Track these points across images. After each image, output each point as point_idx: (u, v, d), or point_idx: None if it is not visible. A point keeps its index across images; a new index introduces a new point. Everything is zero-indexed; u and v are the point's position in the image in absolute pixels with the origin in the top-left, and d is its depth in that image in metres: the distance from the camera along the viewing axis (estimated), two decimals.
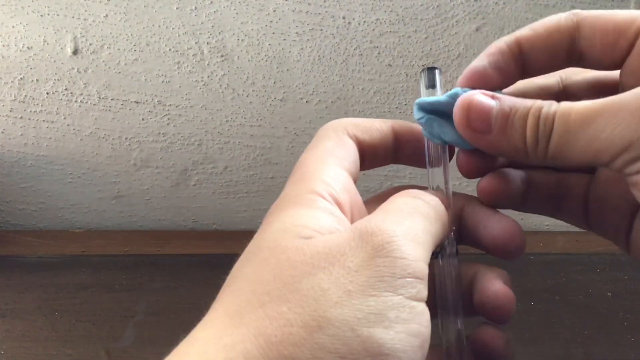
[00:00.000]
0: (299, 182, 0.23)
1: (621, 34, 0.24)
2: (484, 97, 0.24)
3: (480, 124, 0.24)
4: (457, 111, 0.24)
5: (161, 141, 0.79)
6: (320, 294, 0.19)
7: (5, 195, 0.81)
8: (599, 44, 0.25)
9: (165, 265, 0.71)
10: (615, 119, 0.21)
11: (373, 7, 0.74)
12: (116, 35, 0.73)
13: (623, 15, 0.24)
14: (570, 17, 0.25)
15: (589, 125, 0.21)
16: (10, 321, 0.61)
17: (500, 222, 0.26)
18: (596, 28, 0.25)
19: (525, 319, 0.63)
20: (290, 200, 0.23)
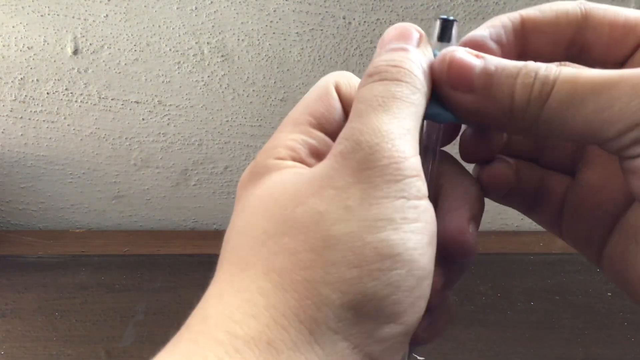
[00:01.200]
0: (266, 150, 0.23)
1: (631, 30, 0.23)
2: (467, 54, 0.22)
3: (460, 81, 0.22)
4: (435, 66, 0.22)
5: (161, 141, 0.79)
6: (319, 217, 0.19)
7: (5, 195, 0.81)
8: (607, 38, 0.24)
9: (165, 265, 0.71)
10: (631, 92, 0.19)
11: (373, 7, 0.74)
12: (116, 35, 0.73)
13: (633, 12, 0.24)
14: (579, 5, 0.24)
15: (600, 93, 0.20)
16: (10, 321, 0.61)
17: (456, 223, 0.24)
18: (605, 21, 0.24)
19: (525, 319, 0.63)
20: (256, 169, 0.22)
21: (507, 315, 0.63)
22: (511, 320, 0.63)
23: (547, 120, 0.21)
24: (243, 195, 0.22)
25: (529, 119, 0.21)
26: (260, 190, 0.21)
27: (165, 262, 0.72)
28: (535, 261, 0.73)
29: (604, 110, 0.20)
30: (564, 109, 0.20)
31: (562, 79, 0.20)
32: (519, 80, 0.21)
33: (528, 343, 0.59)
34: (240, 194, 0.23)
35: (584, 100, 0.20)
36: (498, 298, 0.66)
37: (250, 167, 0.23)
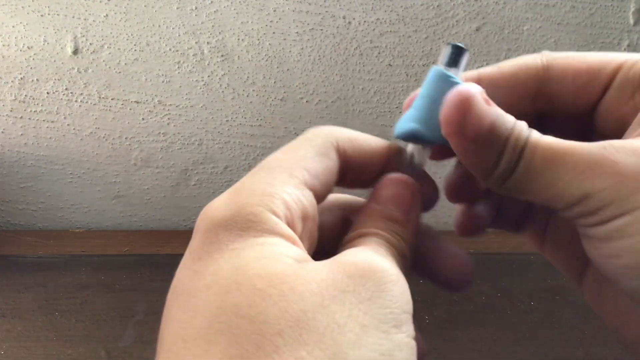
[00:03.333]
0: (259, 191, 0.20)
1: (595, 76, 0.23)
2: (483, 98, 0.21)
3: (471, 129, 0.21)
4: (453, 104, 0.21)
5: (161, 141, 0.79)
6: (338, 331, 0.17)
7: (5, 195, 0.81)
8: (571, 86, 0.24)
9: (165, 265, 0.71)
10: (576, 168, 0.20)
11: (373, 7, 0.74)
12: (116, 35, 0.73)
13: (596, 56, 0.24)
14: (539, 57, 0.24)
15: (549, 168, 0.20)
16: (10, 321, 0.61)
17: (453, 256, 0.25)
18: (568, 69, 0.24)
19: (525, 319, 0.63)
20: (247, 217, 0.20)
21: (507, 315, 0.63)
22: (511, 320, 0.63)
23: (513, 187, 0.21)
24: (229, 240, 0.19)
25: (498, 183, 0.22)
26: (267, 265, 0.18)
27: (165, 262, 0.72)
28: (535, 261, 0.73)
29: (551, 186, 0.20)
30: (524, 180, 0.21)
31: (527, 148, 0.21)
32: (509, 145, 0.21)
33: (528, 343, 0.59)
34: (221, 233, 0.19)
35: (538, 174, 0.21)
36: (498, 298, 0.66)
37: (235, 202, 0.20)
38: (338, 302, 0.18)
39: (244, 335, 0.17)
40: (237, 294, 0.18)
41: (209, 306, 0.18)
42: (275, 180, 0.21)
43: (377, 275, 0.19)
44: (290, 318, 0.17)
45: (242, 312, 0.17)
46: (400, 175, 0.24)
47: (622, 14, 0.76)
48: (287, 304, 0.17)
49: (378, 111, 0.79)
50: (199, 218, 0.21)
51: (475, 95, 0.21)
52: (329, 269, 0.19)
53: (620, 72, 0.23)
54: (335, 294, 0.18)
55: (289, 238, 0.20)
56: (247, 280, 0.18)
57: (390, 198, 0.23)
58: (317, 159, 0.22)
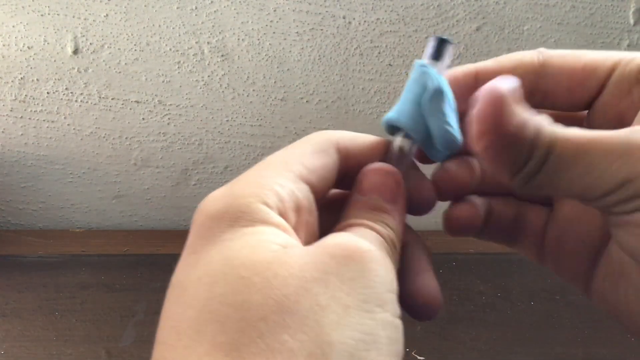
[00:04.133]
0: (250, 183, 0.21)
1: (591, 73, 0.23)
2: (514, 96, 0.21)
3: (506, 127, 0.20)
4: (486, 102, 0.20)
5: (162, 141, 0.79)
6: (321, 313, 0.18)
7: (5, 195, 0.81)
8: (567, 83, 0.24)
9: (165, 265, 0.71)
10: (611, 154, 0.19)
11: (373, 7, 0.73)
12: (116, 34, 0.73)
13: (592, 55, 0.23)
14: (536, 54, 0.24)
15: (581, 158, 0.20)
16: (10, 321, 0.61)
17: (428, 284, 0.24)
18: (564, 66, 0.23)
19: (525, 319, 0.63)
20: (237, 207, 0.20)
21: (507, 315, 0.63)
22: (511, 320, 0.63)
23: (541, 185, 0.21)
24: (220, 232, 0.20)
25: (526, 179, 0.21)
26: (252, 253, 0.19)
27: (165, 262, 0.72)
28: None
29: (584, 176, 0.20)
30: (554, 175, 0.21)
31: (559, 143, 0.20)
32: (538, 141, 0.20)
33: (528, 343, 0.59)
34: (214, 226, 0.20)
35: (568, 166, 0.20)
36: (498, 298, 0.66)
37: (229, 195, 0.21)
38: (321, 283, 0.18)
39: (230, 323, 0.17)
40: (223, 283, 0.18)
41: (199, 297, 0.18)
42: (269, 174, 0.21)
43: (360, 255, 0.19)
44: (273, 303, 0.18)
45: (228, 301, 0.18)
46: (382, 164, 0.24)
47: (622, 13, 0.76)
48: (270, 290, 0.18)
49: (378, 111, 0.78)
50: (195, 213, 0.21)
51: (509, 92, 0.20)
52: (312, 252, 0.19)
53: (617, 70, 0.23)
54: (318, 276, 0.18)
55: (279, 227, 0.20)
56: (233, 269, 0.18)
57: (374, 188, 0.23)
58: (315, 155, 0.23)
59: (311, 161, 0.23)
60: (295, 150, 0.23)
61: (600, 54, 0.23)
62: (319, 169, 0.23)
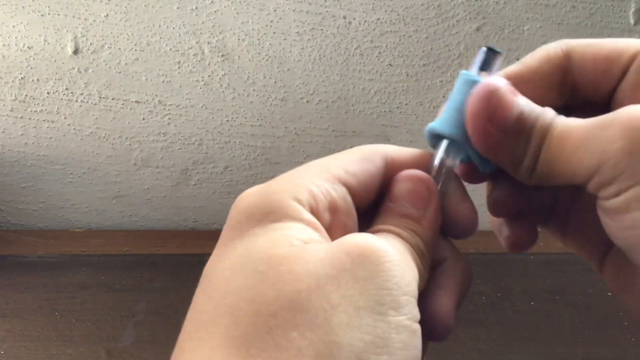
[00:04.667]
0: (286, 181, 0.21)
1: (614, 61, 0.23)
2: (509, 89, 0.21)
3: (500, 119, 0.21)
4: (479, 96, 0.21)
5: (162, 141, 0.79)
6: (331, 312, 0.18)
7: (5, 195, 0.81)
8: (592, 72, 0.24)
9: (165, 265, 0.71)
10: (589, 137, 0.20)
11: (374, 7, 0.73)
12: (117, 34, 0.73)
13: (614, 42, 0.23)
14: (559, 46, 0.24)
15: (564, 145, 0.20)
16: (10, 321, 0.61)
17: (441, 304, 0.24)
18: (587, 56, 0.24)
19: (525, 319, 0.63)
20: (268, 205, 0.20)
21: (507, 315, 0.63)
22: (511, 320, 0.63)
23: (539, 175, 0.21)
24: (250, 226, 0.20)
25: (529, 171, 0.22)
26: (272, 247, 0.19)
27: (165, 262, 0.72)
28: (535, 261, 0.73)
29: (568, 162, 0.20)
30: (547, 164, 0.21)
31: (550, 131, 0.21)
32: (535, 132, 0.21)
33: (528, 343, 0.59)
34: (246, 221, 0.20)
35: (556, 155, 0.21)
36: (498, 298, 0.66)
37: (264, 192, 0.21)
38: (334, 281, 0.18)
39: (244, 316, 0.18)
40: (241, 277, 0.19)
41: (219, 289, 0.19)
42: (306, 174, 0.22)
43: (376, 254, 0.19)
44: (284, 299, 0.18)
45: (243, 295, 0.18)
46: (414, 171, 0.24)
47: (622, 14, 0.76)
48: (283, 285, 0.18)
49: (378, 111, 0.78)
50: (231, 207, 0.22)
51: (502, 86, 0.21)
52: (329, 249, 0.19)
53: (637, 57, 0.23)
54: (332, 273, 0.18)
55: (309, 224, 0.20)
56: (251, 263, 0.19)
57: (404, 195, 0.23)
58: (358, 161, 0.23)
59: (352, 165, 0.23)
60: (338, 156, 0.23)
61: (621, 42, 0.23)
62: (359, 174, 0.23)
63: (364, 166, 0.23)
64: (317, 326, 0.17)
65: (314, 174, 0.22)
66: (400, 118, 0.79)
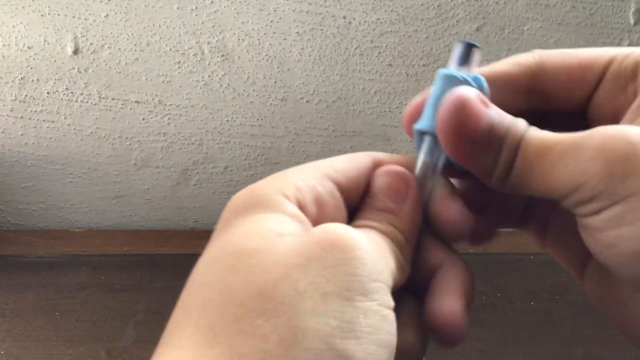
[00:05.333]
0: (273, 178, 0.22)
1: (587, 70, 0.23)
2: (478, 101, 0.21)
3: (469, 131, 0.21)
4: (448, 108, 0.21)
5: (162, 141, 0.79)
6: (297, 299, 0.18)
7: (5, 195, 0.81)
8: (564, 81, 0.24)
9: (165, 265, 0.71)
10: (567, 157, 0.20)
11: (374, 7, 0.73)
12: (117, 35, 0.73)
13: (588, 52, 0.24)
14: (532, 54, 0.24)
15: (540, 161, 0.20)
16: (10, 321, 0.61)
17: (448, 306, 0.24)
18: (561, 65, 0.24)
19: (525, 319, 0.63)
20: (254, 200, 0.21)
21: (507, 315, 0.63)
22: (511, 320, 0.63)
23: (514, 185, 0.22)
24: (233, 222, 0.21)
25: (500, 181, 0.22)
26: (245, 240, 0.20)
27: (165, 262, 0.72)
28: (535, 261, 0.73)
29: (546, 177, 0.20)
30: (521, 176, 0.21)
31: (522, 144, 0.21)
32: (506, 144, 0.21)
33: (528, 343, 0.59)
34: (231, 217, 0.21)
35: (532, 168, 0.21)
36: (498, 298, 0.66)
37: (251, 189, 0.22)
38: (301, 269, 0.18)
39: (213, 307, 0.18)
40: (214, 270, 0.20)
41: (195, 284, 0.20)
42: (294, 171, 0.23)
43: (346, 243, 0.19)
44: (252, 289, 0.18)
45: (214, 287, 0.19)
46: (392, 166, 0.24)
47: (622, 14, 0.76)
48: (252, 277, 0.19)
49: (378, 111, 0.78)
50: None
51: (471, 97, 0.21)
52: (300, 239, 0.19)
53: (612, 65, 0.23)
54: (300, 262, 0.19)
55: (292, 216, 0.21)
56: (224, 257, 0.20)
57: (382, 190, 0.23)
58: (346, 161, 0.24)
59: (340, 164, 0.23)
60: (328, 158, 0.24)
61: (596, 51, 0.24)
62: (347, 172, 0.23)
63: (352, 165, 0.24)
64: (282, 313, 0.18)
65: (302, 171, 0.23)
66: (400, 118, 0.79)
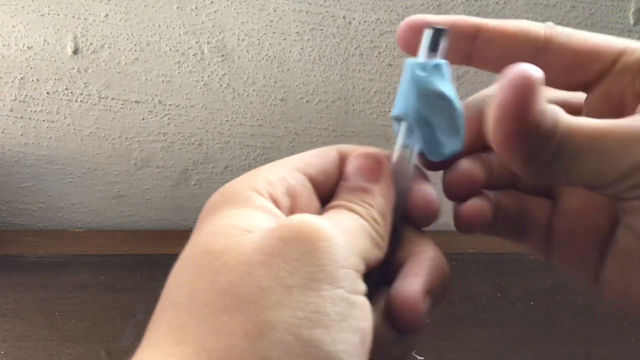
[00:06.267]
0: (245, 176, 0.23)
1: (596, 58, 0.23)
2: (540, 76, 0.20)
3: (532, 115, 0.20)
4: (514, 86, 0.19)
5: (161, 141, 0.79)
6: (260, 294, 0.18)
7: (5, 195, 0.81)
8: (569, 62, 0.23)
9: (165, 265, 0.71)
10: (623, 141, 0.20)
11: (373, 7, 0.74)
12: (116, 34, 0.73)
13: (599, 39, 0.23)
14: (544, 28, 0.24)
15: (595, 146, 0.20)
16: (10, 321, 0.61)
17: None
18: (569, 46, 0.23)
19: (525, 319, 0.63)
20: (225, 198, 0.22)
21: (507, 315, 0.63)
22: (511, 320, 0.63)
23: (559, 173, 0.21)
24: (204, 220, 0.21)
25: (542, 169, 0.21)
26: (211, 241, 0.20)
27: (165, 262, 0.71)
28: (535, 261, 0.73)
29: (597, 162, 0.20)
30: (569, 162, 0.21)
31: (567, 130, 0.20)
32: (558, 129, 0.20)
33: (528, 343, 0.59)
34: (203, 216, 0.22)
35: (581, 153, 0.20)
36: (498, 298, 0.66)
37: (223, 187, 0.23)
38: (264, 266, 0.19)
39: (182, 308, 0.19)
40: (183, 273, 0.20)
41: (168, 287, 0.20)
42: (265, 168, 0.23)
43: (308, 234, 0.19)
44: (217, 288, 0.19)
45: (182, 289, 0.19)
46: (365, 149, 0.24)
47: (622, 14, 0.76)
48: (217, 277, 0.19)
49: (378, 111, 0.78)
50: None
51: (539, 78, 0.20)
52: (263, 235, 0.20)
53: (622, 58, 0.23)
54: (262, 259, 0.19)
55: (261, 209, 0.21)
56: (191, 259, 0.20)
57: (355, 170, 0.24)
58: (314, 154, 0.24)
59: (309, 157, 0.24)
60: (298, 154, 0.24)
61: (607, 40, 0.23)
62: (317, 163, 0.24)
63: (320, 157, 0.24)
64: (246, 309, 0.18)
65: (272, 166, 0.23)
66: None
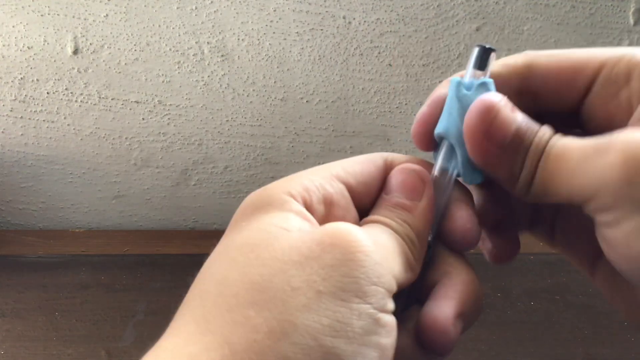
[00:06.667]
0: (283, 180, 0.23)
1: (577, 73, 0.23)
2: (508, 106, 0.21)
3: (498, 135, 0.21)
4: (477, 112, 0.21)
5: (161, 141, 0.79)
6: (290, 294, 0.18)
7: (5, 195, 0.81)
8: (554, 83, 0.23)
9: (165, 265, 0.71)
10: (588, 162, 0.19)
11: (373, 7, 0.73)
12: (116, 35, 0.73)
13: (579, 53, 0.23)
14: (521, 56, 0.24)
15: (561, 166, 0.20)
16: (10, 321, 0.61)
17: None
18: (551, 67, 0.23)
19: (525, 319, 0.63)
20: (263, 199, 0.22)
21: (507, 315, 0.63)
22: (511, 320, 0.63)
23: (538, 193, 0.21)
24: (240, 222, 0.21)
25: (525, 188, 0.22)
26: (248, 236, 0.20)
27: (165, 262, 0.72)
28: (535, 261, 0.73)
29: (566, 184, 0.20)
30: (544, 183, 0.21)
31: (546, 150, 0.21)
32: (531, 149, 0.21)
33: (528, 343, 0.59)
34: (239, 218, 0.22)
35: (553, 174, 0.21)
36: (498, 298, 0.66)
37: (260, 190, 0.22)
38: (298, 266, 0.19)
39: (209, 297, 0.19)
40: (216, 264, 0.20)
41: (199, 278, 0.20)
42: (304, 173, 0.23)
43: (347, 243, 0.19)
44: (247, 281, 0.19)
45: (213, 279, 0.20)
46: (410, 164, 0.24)
47: (622, 14, 0.76)
48: (248, 269, 0.19)
49: (378, 111, 0.78)
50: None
51: (498, 102, 0.21)
52: (301, 236, 0.20)
53: (603, 70, 0.23)
54: (298, 259, 0.19)
55: (297, 213, 0.21)
56: (226, 252, 0.20)
57: (398, 186, 0.24)
58: (358, 162, 0.24)
59: (351, 166, 0.24)
60: (341, 160, 0.24)
61: (586, 53, 0.23)
62: (358, 173, 0.24)
63: (364, 166, 0.24)
64: (274, 306, 0.18)
65: (311, 172, 0.23)
66: (400, 118, 0.79)
